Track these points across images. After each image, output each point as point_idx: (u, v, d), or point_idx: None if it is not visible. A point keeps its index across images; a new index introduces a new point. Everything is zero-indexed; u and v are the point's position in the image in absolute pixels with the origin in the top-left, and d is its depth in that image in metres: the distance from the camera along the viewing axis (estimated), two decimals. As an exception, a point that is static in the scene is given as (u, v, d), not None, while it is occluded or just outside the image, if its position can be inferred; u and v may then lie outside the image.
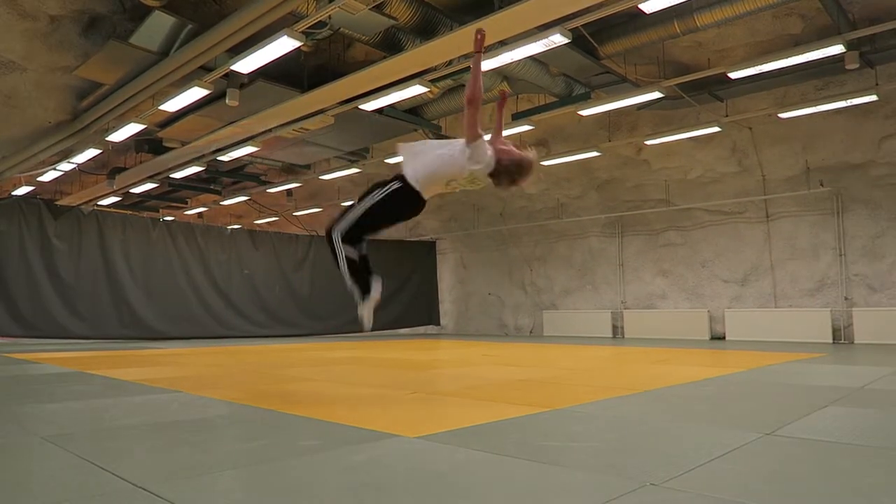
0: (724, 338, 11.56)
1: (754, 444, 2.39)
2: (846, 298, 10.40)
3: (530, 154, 3.38)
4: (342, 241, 3.48)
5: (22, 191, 14.70)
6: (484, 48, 3.29)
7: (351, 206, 3.53)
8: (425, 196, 3.41)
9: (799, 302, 10.96)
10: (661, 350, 8.44)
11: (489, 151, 3.28)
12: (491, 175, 3.34)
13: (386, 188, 3.40)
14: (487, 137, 3.42)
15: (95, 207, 14.26)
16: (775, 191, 11.18)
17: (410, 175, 3.36)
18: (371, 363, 6.57)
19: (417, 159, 3.40)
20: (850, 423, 2.88)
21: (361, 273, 3.58)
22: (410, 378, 5.01)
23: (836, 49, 7.22)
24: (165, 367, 6.02)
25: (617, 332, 13.27)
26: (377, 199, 3.41)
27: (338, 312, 14.65)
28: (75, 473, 1.99)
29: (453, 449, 2.32)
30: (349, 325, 14.71)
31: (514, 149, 3.41)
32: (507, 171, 3.33)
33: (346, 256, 3.48)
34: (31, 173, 13.14)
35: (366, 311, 3.59)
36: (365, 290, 3.58)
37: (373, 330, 14.41)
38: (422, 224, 17.24)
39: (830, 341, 10.23)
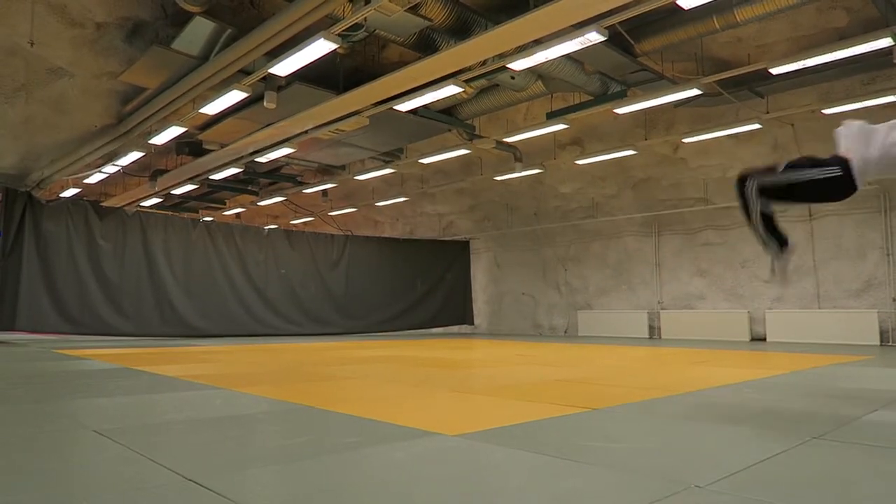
0: (764, 339, 11.30)
1: (801, 447, 2.34)
2: (895, 300, 10.06)
3: None
4: (758, 194, 3.21)
5: (69, 193, 15.20)
6: None
7: (773, 167, 3.21)
8: (863, 186, 3.03)
9: (844, 303, 10.64)
10: (700, 351, 8.30)
11: None
12: None
13: (825, 171, 3.02)
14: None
15: (138, 208, 14.68)
16: (819, 189, 10.86)
17: (859, 167, 2.93)
18: (407, 362, 6.62)
19: (871, 148, 2.95)
20: (901, 428, 2.79)
21: (774, 227, 3.29)
22: (447, 377, 5.03)
23: (884, 42, 6.96)
24: (206, 364, 6.16)
25: (653, 332, 13.08)
26: (813, 178, 3.06)
27: (372, 311, 14.80)
28: (129, 465, 2.06)
29: (492, 447, 2.33)
30: (383, 324, 14.86)
31: None
32: None
33: (759, 210, 3.20)
34: (77, 176, 13.60)
35: (785, 264, 3.32)
36: (782, 242, 3.28)
37: (405, 329, 14.28)
38: (455, 224, 17.27)
39: (878, 343, 9.91)
